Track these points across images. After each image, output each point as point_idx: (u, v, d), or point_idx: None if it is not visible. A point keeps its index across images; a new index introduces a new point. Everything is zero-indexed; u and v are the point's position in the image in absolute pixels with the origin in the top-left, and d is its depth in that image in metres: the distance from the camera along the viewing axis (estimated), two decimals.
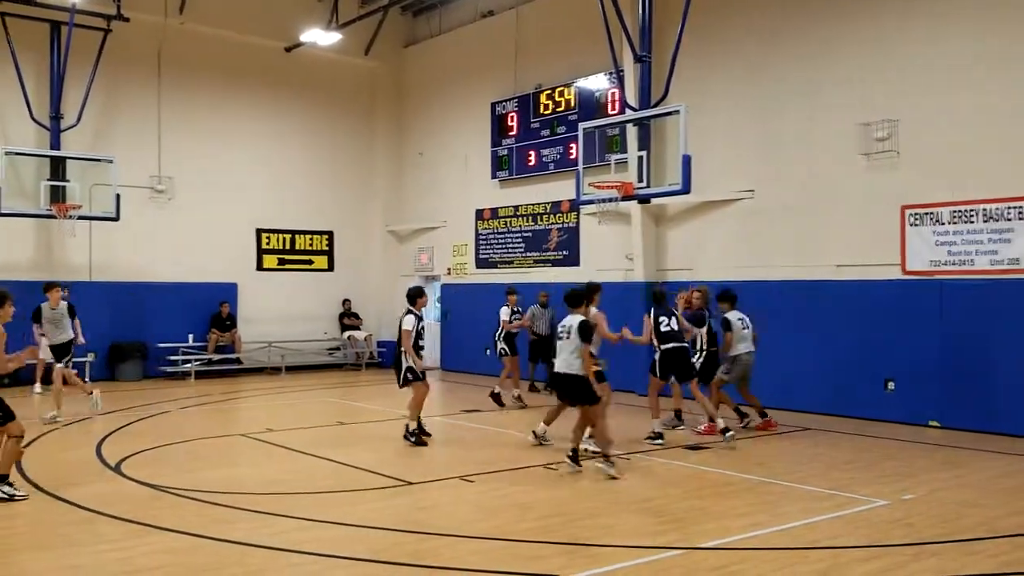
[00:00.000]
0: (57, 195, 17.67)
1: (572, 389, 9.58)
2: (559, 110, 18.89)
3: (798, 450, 11.12)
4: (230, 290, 21.03)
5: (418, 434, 11.20)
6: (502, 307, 15.85)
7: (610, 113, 17.23)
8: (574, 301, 9.88)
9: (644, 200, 14.89)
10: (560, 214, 18.90)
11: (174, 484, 8.84)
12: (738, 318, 12.30)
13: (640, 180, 13.72)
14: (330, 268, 22.98)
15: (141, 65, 19.99)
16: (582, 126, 14.94)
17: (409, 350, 11.20)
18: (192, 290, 20.25)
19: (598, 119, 16.30)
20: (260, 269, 21.84)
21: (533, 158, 19.51)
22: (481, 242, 21.01)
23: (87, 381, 18.20)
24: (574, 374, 9.48)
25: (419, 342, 11.33)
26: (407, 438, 11.23)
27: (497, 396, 15.10)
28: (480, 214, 20.98)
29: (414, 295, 11.51)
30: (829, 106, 14.15)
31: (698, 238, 16.16)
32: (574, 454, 9.52)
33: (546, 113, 19.20)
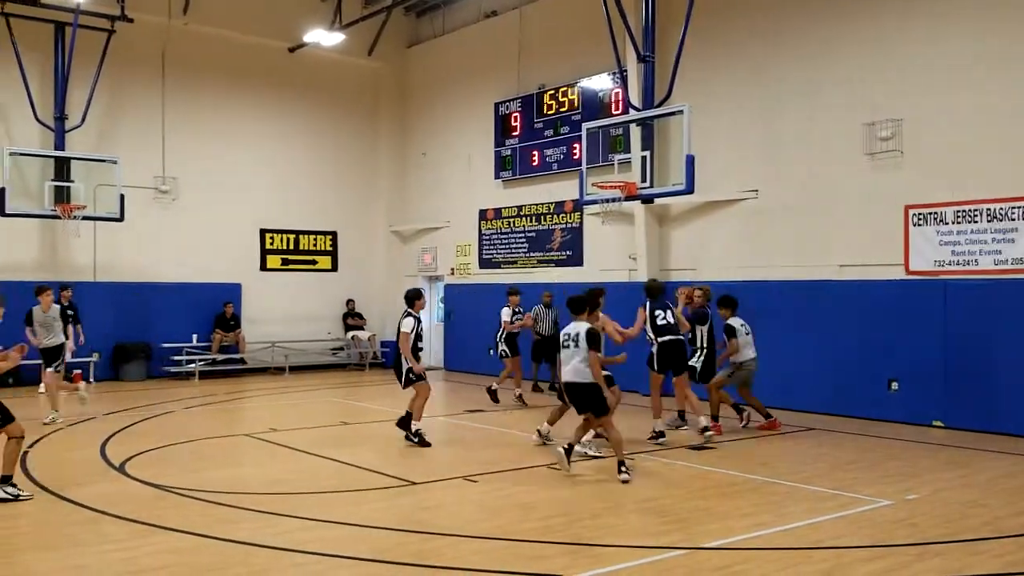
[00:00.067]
0: (61, 195, 17.71)
1: (582, 397, 9.48)
2: (563, 110, 18.89)
3: (802, 450, 11.11)
4: (234, 290, 21.07)
5: (421, 435, 11.20)
6: (503, 308, 15.88)
7: (614, 113, 17.23)
8: (577, 307, 9.76)
9: (648, 200, 14.89)
10: (564, 214, 18.90)
11: (178, 484, 8.86)
12: (740, 324, 12.29)
13: (644, 180, 13.74)
14: (334, 268, 23.02)
15: (145, 66, 20.03)
16: (586, 126, 14.94)
17: (407, 353, 11.20)
18: (196, 290, 20.28)
19: (602, 119, 16.30)
20: (264, 269, 21.88)
21: (537, 158, 19.52)
22: (484, 242, 21.02)
23: (90, 382, 18.35)
24: (584, 382, 9.38)
25: (418, 344, 11.33)
26: (410, 439, 11.22)
27: (494, 392, 15.17)
28: (484, 214, 20.99)
29: (412, 297, 11.49)
30: (832, 106, 14.14)
31: (702, 238, 16.15)
32: (569, 448, 9.48)
33: (550, 113, 19.20)
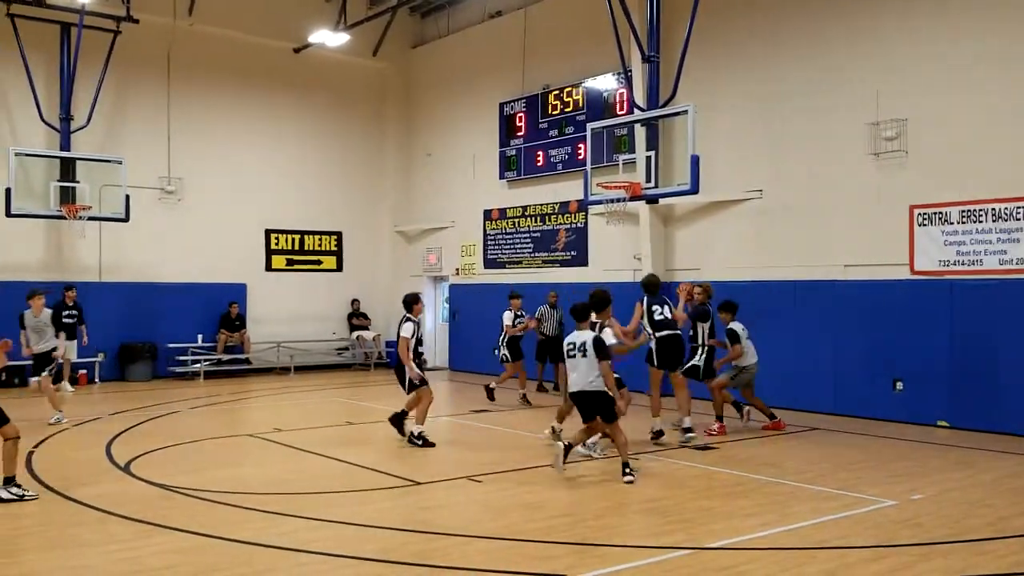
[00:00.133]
0: (67, 196, 17.79)
1: (592, 405, 9.41)
2: (567, 110, 18.89)
3: (806, 450, 11.10)
4: (239, 290, 21.11)
5: (424, 437, 11.20)
6: (504, 312, 15.87)
7: (618, 113, 17.22)
8: (581, 315, 9.61)
9: (652, 200, 14.90)
10: (568, 214, 18.90)
11: (183, 484, 8.88)
12: (740, 328, 12.28)
13: (648, 180, 13.75)
14: (339, 268, 23.04)
15: (150, 66, 20.08)
16: (590, 126, 14.96)
17: (407, 359, 11.21)
18: (201, 291, 20.32)
19: (606, 119, 16.31)
20: (269, 269, 21.93)
21: (541, 158, 19.52)
22: (489, 242, 21.02)
23: (96, 382, 18.45)
24: (593, 390, 9.30)
25: (419, 348, 11.38)
26: (413, 442, 11.21)
27: (491, 391, 15.27)
28: (488, 214, 21.00)
29: (410, 301, 11.50)
30: (837, 106, 14.11)
31: (706, 238, 16.14)
32: (568, 448, 9.43)
33: (554, 113, 19.21)
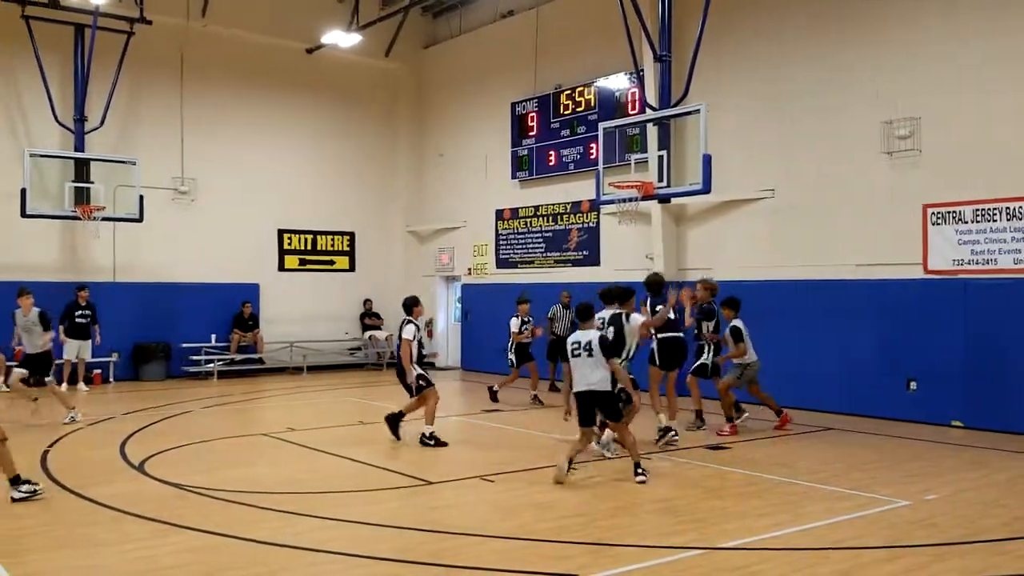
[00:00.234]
0: (81, 197, 17.87)
1: (596, 405, 9.32)
2: (579, 110, 18.88)
3: (819, 450, 11.06)
4: (252, 290, 21.18)
5: (436, 437, 11.21)
6: (511, 318, 15.82)
7: (630, 113, 17.19)
8: (585, 315, 9.45)
9: (664, 200, 14.86)
10: (580, 214, 18.89)
11: (197, 483, 8.91)
12: (743, 326, 12.24)
13: (660, 180, 13.71)
14: (351, 268, 23.08)
15: (164, 67, 20.16)
16: (602, 126, 14.94)
17: (407, 362, 11.26)
18: (215, 291, 20.39)
19: (618, 119, 16.29)
20: (282, 270, 21.98)
21: (553, 158, 19.52)
22: (501, 242, 21.03)
23: (111, 381, 18.55)
24: (601, 391, 9.21)
25: (420, 351, 11.47)
26: (425, 442, 11.21)
27: (494, 393, 15.35)
28: (500, 214, 21.00)
29: (410, 304, 11.59)
30: (850, 105, 14.06)
31: (718, 238, 16.11)
32: (569, 462, 9.33)
33: (566, 113, 19.20)
